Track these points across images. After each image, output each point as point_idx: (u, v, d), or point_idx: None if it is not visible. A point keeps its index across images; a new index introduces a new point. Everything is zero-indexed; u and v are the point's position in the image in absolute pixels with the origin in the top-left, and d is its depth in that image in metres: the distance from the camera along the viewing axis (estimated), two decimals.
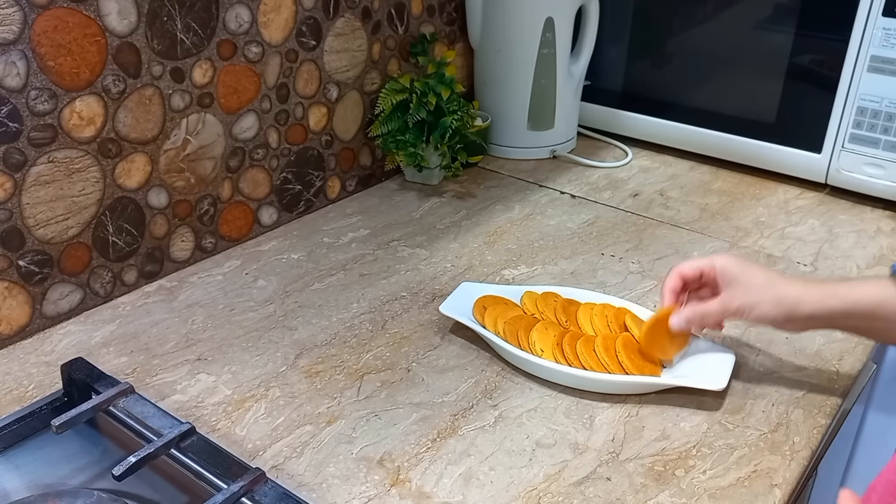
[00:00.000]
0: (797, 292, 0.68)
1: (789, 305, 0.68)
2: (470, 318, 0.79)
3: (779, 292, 0.68)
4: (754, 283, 0.69)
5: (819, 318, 0.68)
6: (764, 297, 0.68)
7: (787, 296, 0.68)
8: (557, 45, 1.18)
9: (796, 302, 0.67)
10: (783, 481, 0.63)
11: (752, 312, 0.69)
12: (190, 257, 0.93)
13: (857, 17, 1.02)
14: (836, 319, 0.68)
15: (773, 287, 0.69)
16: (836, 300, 0.67)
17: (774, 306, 0.68)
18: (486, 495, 0.62)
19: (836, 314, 0.67)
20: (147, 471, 0.61)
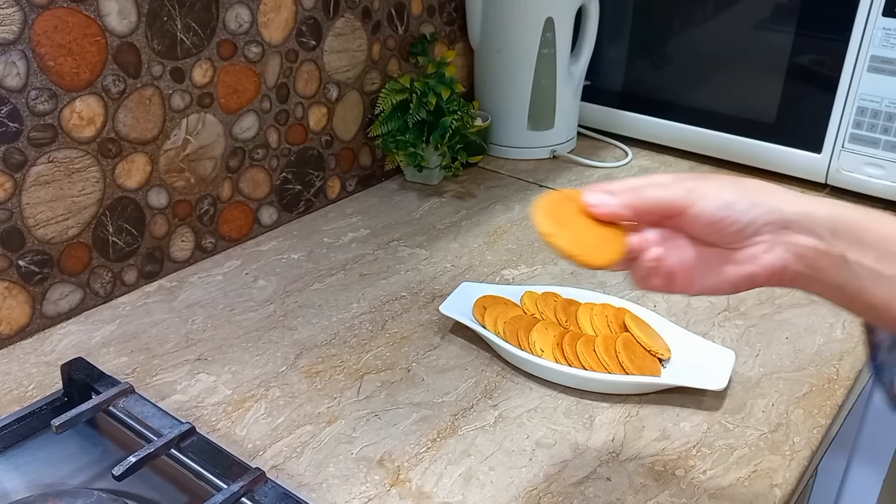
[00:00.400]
0: (788, 192, 0.48)
1: (775, 205, 0.47)
2: (470, 318, 0.79)
3: (764, 191, 0.47)
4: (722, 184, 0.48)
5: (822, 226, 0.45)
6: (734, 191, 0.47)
7: (777, 197, 0.47)
8: (557, 45, 1.18)
9: (788, 204, 0.47)
10: (783, 481, 0.63)
11: (709, 197, 0.47)
12: (190, 257, 0.93)
13: (857, 17, 1.02)
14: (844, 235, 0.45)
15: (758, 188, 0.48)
16: (850, 210, 0.46)
17: (752, 204, 0.46)
18: (486, 495, 0.62)
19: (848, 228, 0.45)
20: (147, 471, 0.61)
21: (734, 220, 0.46)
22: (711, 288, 0.49)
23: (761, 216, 0.46)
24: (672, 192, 0.48)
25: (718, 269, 0.49)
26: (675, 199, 0.48)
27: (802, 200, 0.47)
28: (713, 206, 0.47)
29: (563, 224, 0.50)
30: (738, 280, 0.48)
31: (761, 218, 0.46)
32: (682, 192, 0.48)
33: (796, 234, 0.46)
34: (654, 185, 0.49)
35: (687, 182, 0.48)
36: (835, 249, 0.45)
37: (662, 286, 0.50)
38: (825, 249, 0.45)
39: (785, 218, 0.46)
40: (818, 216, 0.46)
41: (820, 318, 0.84)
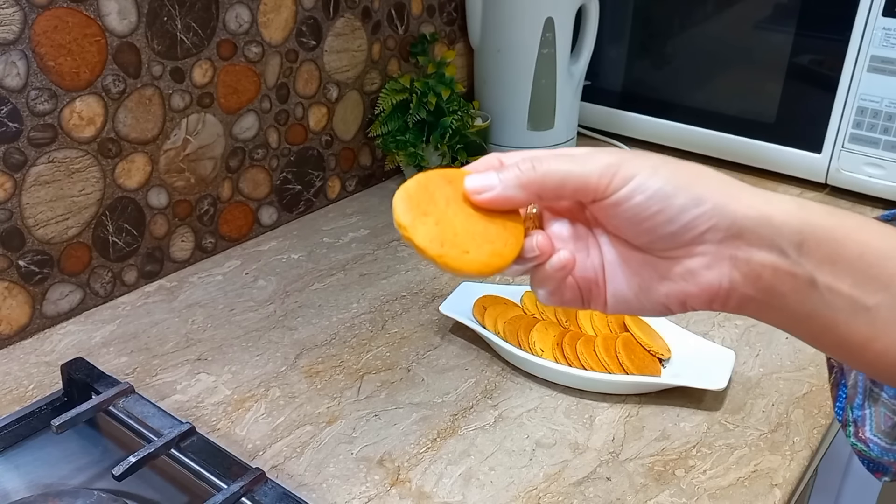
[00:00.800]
0: (744, 187, 0.36)
1: (727, 197, 0.35)
2: (470, 318, 0.79)
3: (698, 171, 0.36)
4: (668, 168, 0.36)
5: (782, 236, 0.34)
6: (667, 165, 0.36)
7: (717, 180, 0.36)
8: (557, 45, 1.18)
9: (739, 197, 0.35)
10: (783, 481, 0.63)
11: (638, 181, 0.35)
12: (190, 257, 0.93)
13: (857, 17, 1.02)
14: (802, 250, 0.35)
15: (690, 164, 0.36)
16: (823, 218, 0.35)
17: (687, 184, 0.35)
18: (486, 495, 0.62)
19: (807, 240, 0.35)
20: (147, 471, 0.61)
21: (668, 218, 0.35)
22: (635, 308, 0.39)
23: (704, 218, 0.34)
24: (585, 168, 0.35)
25: (645, 283, 0.38)
26: (588, 178, 0.35)
27: (759, 200, 0.35)
28: (640, 195, 0.35)
29: (432, 212, 0.38)
30: (667, 300, 0.37)
31: (703, 220, 0.34)
32: (599, 169, 0.35)
33: (750, 248, 0.35)
34: (560, 158, 0.36)
35: (606, 156, 0.35)
36: (801, 270, 0.34)
37: (572, 300, 0.39)
38: (788, 269, 0.34)
39: (737, 224, 0.34)
40: (781, 225, 0.34)
41: None
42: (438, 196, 0.38)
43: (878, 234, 0.35)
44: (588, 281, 0.39)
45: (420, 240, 0.37)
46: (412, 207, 0.38)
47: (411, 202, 0.38)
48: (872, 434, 0.46)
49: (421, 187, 0.38)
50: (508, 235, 0.38)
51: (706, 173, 0.36)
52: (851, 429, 0.46)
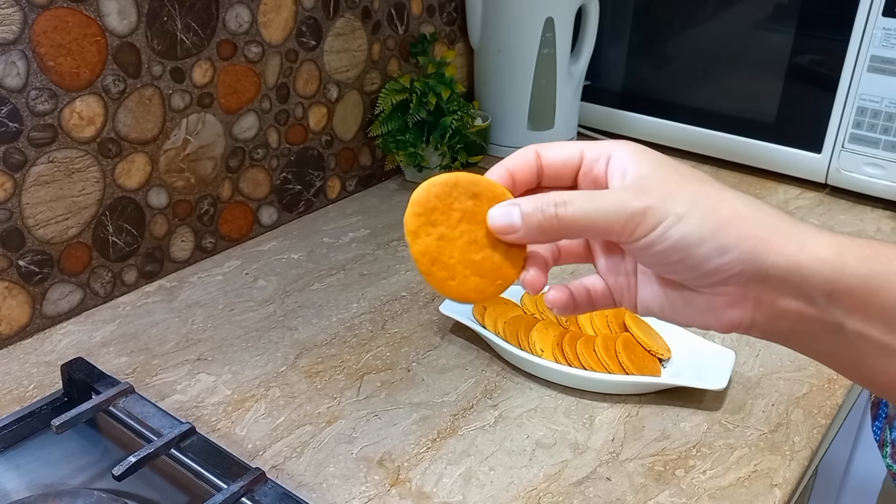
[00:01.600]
0: (776, 226, 0.35)
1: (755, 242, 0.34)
2: (470, 318, 0.79)
3: (735, 208, 0.35)
4: (682, 180, 0.36)
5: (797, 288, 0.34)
6: (688, 201, 0.35)
7: (748, 220, 0.35)
8: (557, 45, 1.18)
9: (769, 241, 0.34)
10: (783, 481, 0.63)
11: (662, 228, 0.34)
12: (190, 257, 0.93)
13: (857, 17, 1.02)
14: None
15: (718, 199, 0.36)
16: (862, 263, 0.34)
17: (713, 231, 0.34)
18: (486, 495, 0.62)
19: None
20: (147, 471, 0.61)
21: (690, 265, 0.35)
22: (662, 317, 0.40)
23: (727, 266, 0.34)
24: (608, 217, 0.35)
25: (670, 304, 0.38)
26: (612, 226, 0.35)
27: (793, 247, 0.34)
28: (662, 244, 0.34)
29: (441, 223, 0.37)
30: (689, 323, 0.39)
31: (727, 268, 0.34)
32: (624, 219, 0.35)
33: (776, 293, 0.35)
34: (588, 199, 0.35)
35: (637, 200, 0.35)
36: (828, 316, 0.34)
37: (590, 307, 0.41)
38: (814, 315, 0.34)
39: (763, 271, 0.34)
40: (812, 276, 0.33)
41: None
42: (456, 208, 0.38)
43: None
44: (620, 286, 0.40)
45: (415, 251, 0.37)
46: (424, 213, 0.37)
47: (426, 206, 0.37)
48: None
49: (444, 193, 0.38)
50: (502, 271, 0.38)
51: (741, 214, 0.35)
52: (889, 450, 0.46)
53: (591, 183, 0.39)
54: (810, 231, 0.35)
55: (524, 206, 0.36)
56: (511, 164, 0.39)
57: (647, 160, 0.37)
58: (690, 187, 0.35)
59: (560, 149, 0.39)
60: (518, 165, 0.39)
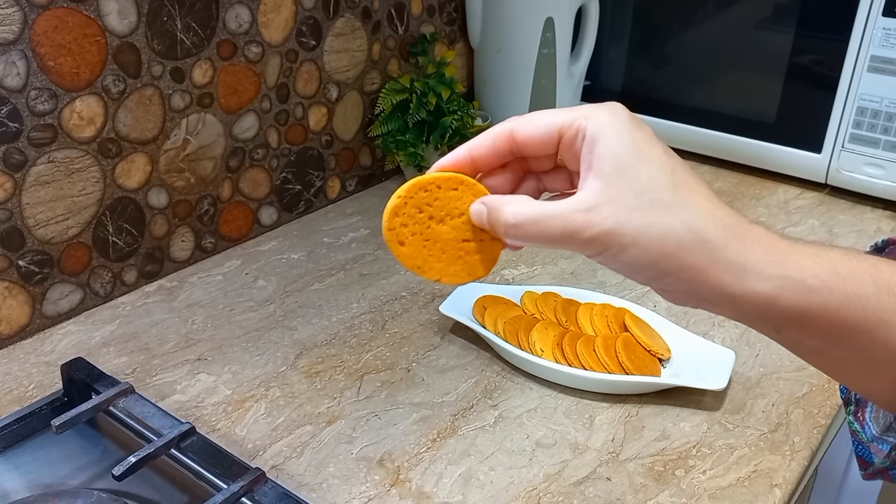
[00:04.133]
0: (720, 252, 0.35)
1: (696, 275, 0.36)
2: (470, 318, 0.79)
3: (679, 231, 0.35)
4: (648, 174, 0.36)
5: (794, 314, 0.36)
6: (651, 231, 0.36)
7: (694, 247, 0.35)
8: (557, 45, 1.18)
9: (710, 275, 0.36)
10: (783, 481, 0.63)
11: (621, 256, 0.37)
12: (190, 257, 0.93)
13: (857, 17, 1.02)
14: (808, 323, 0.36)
15: (674, 212, 0.36)
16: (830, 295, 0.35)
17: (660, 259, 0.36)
18: (486, 495, 0.62)
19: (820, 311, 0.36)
20: (147, 471, 0.61)
21: (638, 279, 0.39)
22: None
23: (671, 286, 0.38)
24: (563, 240, 0.38)
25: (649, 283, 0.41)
26: (566, 245, 0.38)
27: (729, 278, 0.35)
28: (610, 264, 0.38)
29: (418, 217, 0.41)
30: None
31: (671, 288, 0.38)
32: (576, 244, 0.37)
33: (717, 308, 0.38)
34: (535, 227, 0.38)
35: (596, 226, 0.36)
36: (764, 329, 0.38)
37: None
38: (753, 325, 0.38)
39: (702, 296, 0.37)
40: (744, 306, 0.36)
41: None
42: (421, 211, 0.43)
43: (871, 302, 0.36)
44: None
45: (395, 247, 0.43)
46: (397, 216, 0.43)
47: (392, 216, 0.43)
48: (871, 419, 0.47)
49: (404, 202, 0.42)
50: (481, 258, 0.43)
51: (684, 246, 0.35)
52: (852, 408, 0.48)
53: (573, 158, 0.39)
54: (757, 259, 0.36)
55: (515, 206, 0.39)
56: (475, 148, 0.40)
57: (618, 142, 0.37)
58: (641, 212, 0.36)
59: (535, 128, 0.39)
60: (482, 150, 0.40)
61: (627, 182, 0.36)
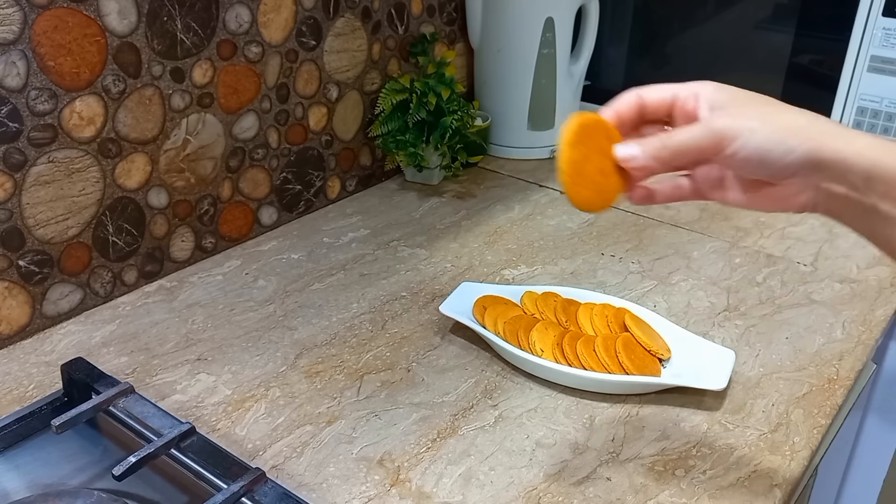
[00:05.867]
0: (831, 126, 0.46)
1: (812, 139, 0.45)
2: (470, 318, 0.79)
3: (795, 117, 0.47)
4: (755, 103, 0.49)
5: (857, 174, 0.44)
6: (768, 122, 0.46)
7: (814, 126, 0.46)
8: (557, 45, 1.18)
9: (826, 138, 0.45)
10: (783, 481, 0.63)
11: (748, 143, 0.46)
12: (190, 257, 0.93)
13: (857, 17, 1.02)
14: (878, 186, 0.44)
15: (786, 111, 0.47)
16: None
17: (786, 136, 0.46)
18: (486, 495, 0.62)
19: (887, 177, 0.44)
20: (147, 471, 0.61)
21: (768, 166, 0.46)
22: (749, 206, 0.52)
23: (794, 162, 0.46)
24: (701, 140, 0.48)
25: (753, 195, 0.51)
26: (706, 146, 0.47)
27: (841, 142, 0.45)
28: (745, 153, 0.46)
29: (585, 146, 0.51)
30: (771, 207, 0.51)
31: (794, 164, 0.46)
32: (713, 139, 0.47)
33: (829, 180, 0.46)
34: (682, 133, 0.48)
35: (717, 122, 0.47)
36: (867, 199, 0.45)
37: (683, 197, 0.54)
38: (856, 198, 0.45)
39: (821, 162, 0.45)
40: (854, 164, 0.44)
41: (820, 318, 0.84)
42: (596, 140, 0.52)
43: None
44: (712, 186, 0.52)
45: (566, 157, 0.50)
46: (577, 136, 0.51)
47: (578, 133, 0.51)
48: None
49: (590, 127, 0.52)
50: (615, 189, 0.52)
51: (799, 124, 0.46)
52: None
53: (684, 117, 0.51)
54: (857, 134, 0.45)
55: (643, 144, 0.50)
56: (618, 107, 0.53)
57: (724, 94, 0.49)
58: (760, 108, 0.48)
59: (657, 92, 0.52)
60: (622, 108, 0.53)
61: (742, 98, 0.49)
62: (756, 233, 1.03)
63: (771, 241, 1.01)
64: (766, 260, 0.96)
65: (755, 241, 1.01)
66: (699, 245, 0.99)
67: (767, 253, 0.98)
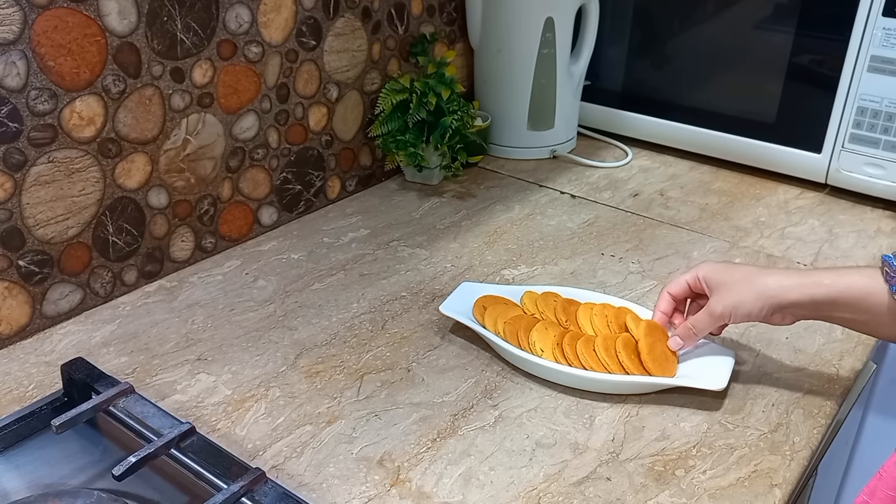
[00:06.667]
0: (777, 282, 0.68)
1: (771, 297, 0.68)
2: (470, 318, 0.79)
3: (759, 286, 0.68)
4: (734, 282, 0.70)
5: (804, 306, 0.67)
6: (745, 295, 0.69)
7: (768, 287, 0.68)
8: (557, 45, 1.18)
9: (778, 292, 0.68)
10: (783, 481, 0.63)
11: (738, 312, 0.69)
12: (190, 257, 0.93)
13: (857, 17, 1.02)
14: (822, 308, 0.67)
15: (752, 282, 0.69)
16: (820, 288, 0.66)
17: (756, 300, 0.68)
18: (486, 495, 0.62)
19: (821, 303, 0.66)
20: (147, 471, 0.61)
21: (753, 318, 0.70)
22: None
23: (769, 312, 0.69)
24: (711, 323, 0.72)
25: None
26: (715, 323, 0.72)
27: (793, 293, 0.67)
28: (737, 318, 0.70)
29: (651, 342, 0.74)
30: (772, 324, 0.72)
31: (769, 312, 0.69)
32: (718, 320, 0.71)
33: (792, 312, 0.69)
34: (700, 320, 0.72)
35: (717, 308, 0.70)
36: (820, 314, 0.68)
37: None
38: (814, 315, 0.69)
39: (782, 305, 0.68)
40: (799, 302, 0.67)
41: None
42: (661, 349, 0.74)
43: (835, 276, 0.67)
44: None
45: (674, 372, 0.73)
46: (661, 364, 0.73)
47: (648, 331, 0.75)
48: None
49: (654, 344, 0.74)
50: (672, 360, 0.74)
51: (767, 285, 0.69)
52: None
53: (701, 290, 0.74)
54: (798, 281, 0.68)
55: (680, 333, 0.74)
56: (662, 308, 0.76)
57: (716, 274, 0.72)
58: (740, 286, 0.70)
59: (677, 286, 0.75)
60: (664, 307, 0.76)
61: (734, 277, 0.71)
62: (756, 233, 1.03)
63: (771, 241, 1.01)
64: (766, 260, 0.96)
65: (755, 241, 1.01)
66: (699, 245, 0.99)
67: (767, 253, 0.98)
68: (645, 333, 0.74)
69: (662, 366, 0.72)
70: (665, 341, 0.74)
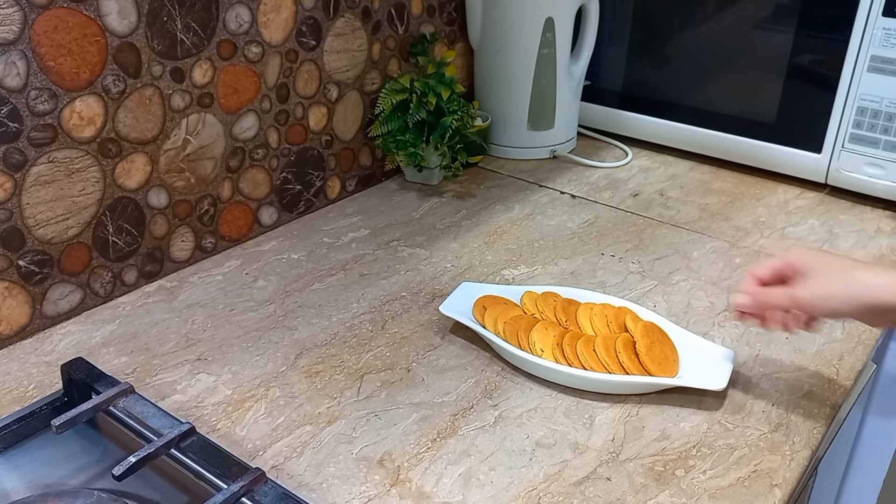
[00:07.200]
0: (877, 280, 0.59)
1: (865, 295, 0.60)
2: (470, 318, 0.79)
3: (852, 281, 0.61)
4: (827, 271, 0.63)
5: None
6: (835, 287, 0.61)
7: (864, 284, 0.60)
8: (557, 45, 1.18)
9: (874, 291, 0.59)
10: (783, 481, 0.63)
11: (824, 305, 0.62)
12: (190, 257, 0.93)
13: (857, 17, 1.02)
14: None
15: (847, 274, 0.61)
16: None
17: (845, 295, 0.61)
18: (486, 495, 0.62)
19: None
20: (147, 471, 0.61)
21: (845, 315, 0.63)
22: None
23: (859, 307, 0.61)
24: (786, 303, 0.65)
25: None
26: (802, 305, 0.65)
27: (883, 292, 0.60)
28: (827, 310, 0.63)
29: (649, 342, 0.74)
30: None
31: (860, 308, 0.61)
32: (806, 302, 0.64)
33: (891, 318, 0.62)
34: (774, 295, 0.66)
35: (801, 294, 0.64)
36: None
37: None
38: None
39: (876, 307, 0.60)
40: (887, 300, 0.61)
41: None
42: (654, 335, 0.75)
43: None
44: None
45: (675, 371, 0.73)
46: (644, 333, 0.74)
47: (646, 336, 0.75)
48: None
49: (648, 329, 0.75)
50: (672, 360, 0.74)
51: (860, 281, 0.61)
52: None
53: (794, 275, 0.66)
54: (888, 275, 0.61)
55: (753, 294, 0.68)
56: (754, 281, 0.69)
57: (809, 261, 0.65)
58: (836, 277, 0.62)
59: (765, 268, 0.68)
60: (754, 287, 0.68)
61: (821, 266, 0.64)
62: (756, 233, 1.03)
63: (771, 241, 1.01)
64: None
65: (755, 241, 1.01)
66: (699, 245, 0.99)
67: (767, 253, 0.98)
68: (642, 334, 0.74)
69: (662, 366, 0.72)
70: (664, 341, 0.74)
